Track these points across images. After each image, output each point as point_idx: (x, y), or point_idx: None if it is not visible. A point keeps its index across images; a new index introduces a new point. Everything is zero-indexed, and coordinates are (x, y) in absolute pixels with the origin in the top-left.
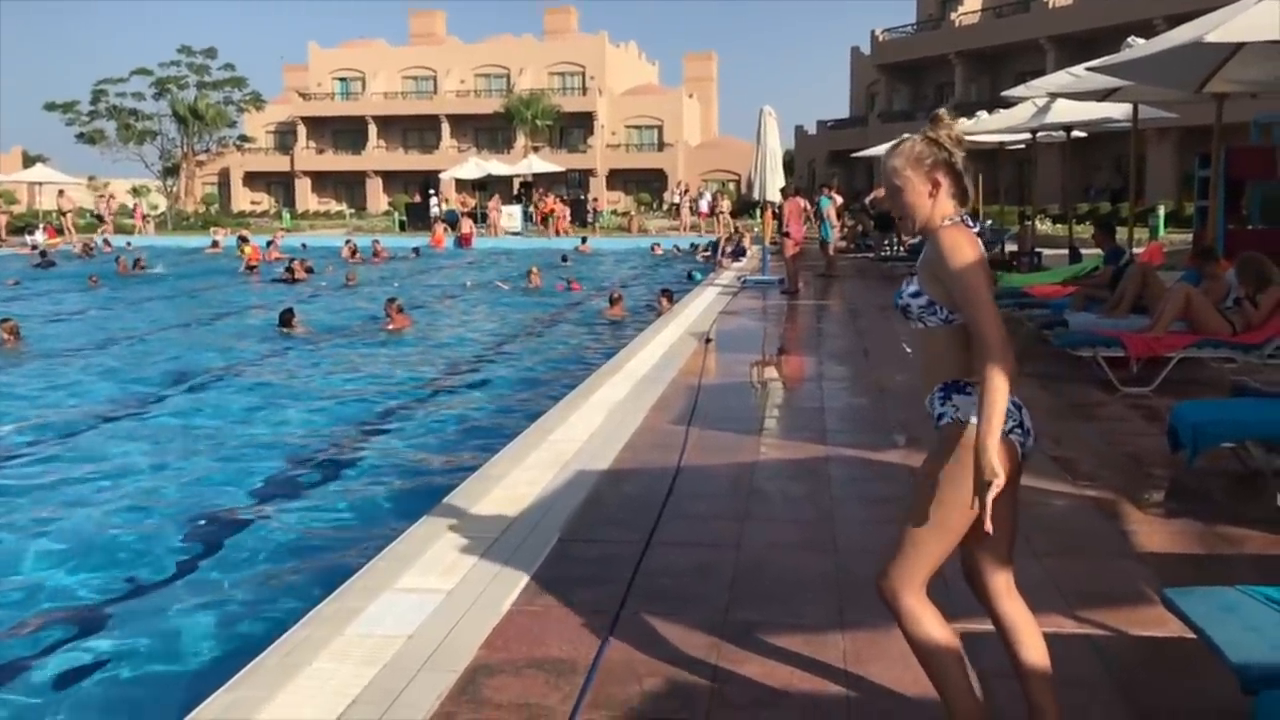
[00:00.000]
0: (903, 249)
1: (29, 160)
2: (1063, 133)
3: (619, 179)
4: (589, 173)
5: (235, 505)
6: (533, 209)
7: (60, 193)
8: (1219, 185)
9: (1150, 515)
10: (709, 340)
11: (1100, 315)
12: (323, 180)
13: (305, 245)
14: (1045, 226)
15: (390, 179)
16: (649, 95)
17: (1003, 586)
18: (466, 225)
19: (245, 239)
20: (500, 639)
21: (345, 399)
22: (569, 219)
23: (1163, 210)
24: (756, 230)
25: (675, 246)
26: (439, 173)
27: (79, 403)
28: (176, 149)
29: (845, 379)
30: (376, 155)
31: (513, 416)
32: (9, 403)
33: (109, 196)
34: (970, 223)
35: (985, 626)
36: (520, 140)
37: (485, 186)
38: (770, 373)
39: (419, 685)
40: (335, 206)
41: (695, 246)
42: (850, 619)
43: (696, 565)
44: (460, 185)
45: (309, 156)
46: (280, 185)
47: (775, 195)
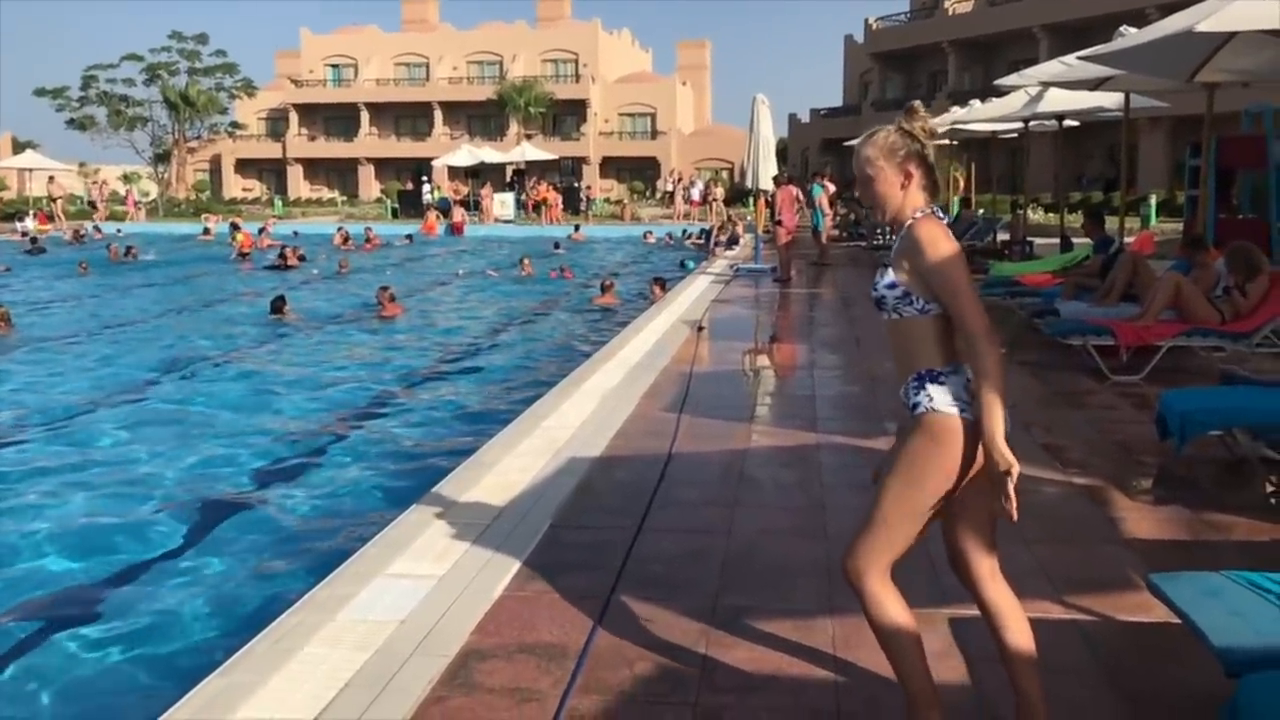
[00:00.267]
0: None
1: (18, 146)
2: (1055, 122)
3: (612, 167)
4: (582, 160)
5: (227, 491)
6: (525, 197)
7: (51, 179)
8: (1210, 175)
9: (1139, 502)
10: (701, 328)
11: (1091, 304)
12: (315, 167)
13: (297, 233)
14: (1038, 215)
15: (382, 166)
16: (642, 83)
17: (986, 571)
18: (459, 213)
19: (238, 226)
20: (492, 624)
21: (337, 386)
22: (561, 207)
23: (1154, 199)
24: (749, 218)
25: (668, 235)
26: (431, 160)
27: (70, 389)
28: (168, 135)
29: (837, 367)
30: (369, 142)
31: (505, 403)
32: None
33: (102, 182)
34: (941, 214)
35: (972, 611)
36: (513, 128)
37: (478, 174)
38: (762, 361)
39: (411, 670)
40: (327, 193)
41: (687, 234)
42: (839, 605)
43: (687, 551)
44: (453, 173)
45: (301, 143)
46: (272, 172)
47: (768, 183)
